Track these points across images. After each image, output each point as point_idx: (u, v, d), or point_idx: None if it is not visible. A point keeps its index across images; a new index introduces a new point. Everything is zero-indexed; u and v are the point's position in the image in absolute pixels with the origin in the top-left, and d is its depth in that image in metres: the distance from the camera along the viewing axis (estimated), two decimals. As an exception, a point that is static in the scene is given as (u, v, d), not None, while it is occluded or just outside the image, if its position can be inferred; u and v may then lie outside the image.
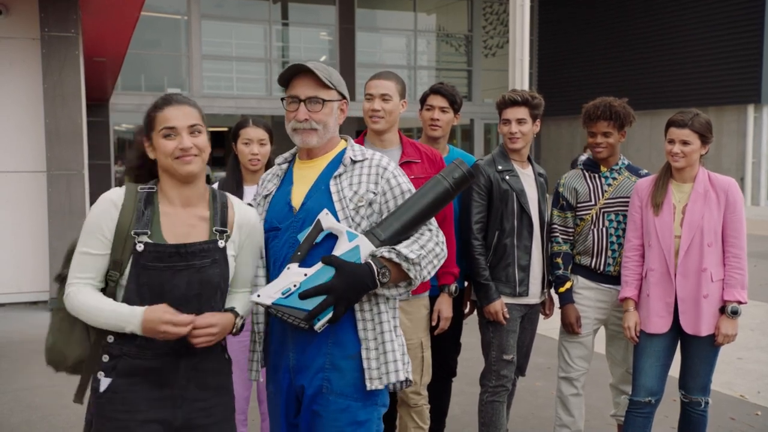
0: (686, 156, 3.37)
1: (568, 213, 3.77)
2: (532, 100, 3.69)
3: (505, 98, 3.71)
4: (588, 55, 24.09)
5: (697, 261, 3.35)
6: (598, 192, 3.74)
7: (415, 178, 3.27)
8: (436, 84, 3.89)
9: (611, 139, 3.70)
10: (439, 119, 3.77)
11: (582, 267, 3.75)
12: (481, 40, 26.44)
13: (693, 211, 3.37)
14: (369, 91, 3.40)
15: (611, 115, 3.68)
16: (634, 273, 3.53)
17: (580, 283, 3.75)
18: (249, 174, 3.45)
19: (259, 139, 3.38)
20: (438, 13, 26.72)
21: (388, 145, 3.43)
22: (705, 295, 3.35)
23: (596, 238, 3.69)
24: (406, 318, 3.34)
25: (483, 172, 3.63)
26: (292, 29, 24.32)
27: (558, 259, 3.76)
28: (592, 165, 3.82)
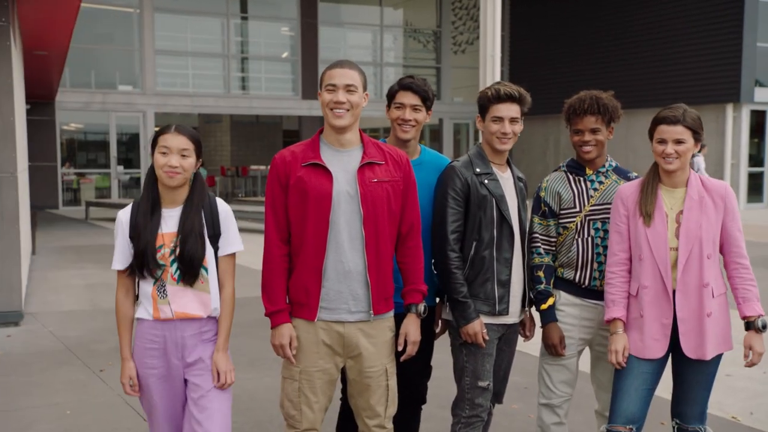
0: (681, 156, 3.13)
1: (551, 220, 3.52)
2: (525, 97, 3.45)
3: (499, 92, 3.41)
4: (561, 53, 24.09)
5: (697, 275, 3.12)
6: (583, 197, 3.48)
7: (379, 182, 3.07)
8: (405, 78, 3.58)
9: (600, 136, 3.45)
10: (411, 119, 3.50)
11: (564, 281, 3.50)
12: (450, 36, 26.36)
13: (689, 220, 3.14)
14: (331, 81, 3.09)
15: (599, 108, 3.43)
16: (622, 291, 3.27)
17: (563, 298, 3.50)
18: (168, 192, 3.02)
19: (181, 149, 2.96)
20: (405, 8, 26.59)
21: (348, 144, 3.15)
22: (708, 313, 3.11)
23: (581, 249, 3.45)
24: (369, 342, 3.08)
25: (459, 176, 3.37)
26: (251, 23, 24.03)
27: (539, 272, 3.49)
28: (576, 167, 3.56)
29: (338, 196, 3.03)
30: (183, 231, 2.96)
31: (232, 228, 3.09)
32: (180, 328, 3.00)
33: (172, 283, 2.98)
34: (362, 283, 3.05)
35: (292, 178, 3.06)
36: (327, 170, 3.05)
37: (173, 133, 3.00)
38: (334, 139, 3.15)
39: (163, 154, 2.99)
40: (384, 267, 3.11)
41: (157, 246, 2.95)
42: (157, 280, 2.98)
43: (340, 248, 3.03)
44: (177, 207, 3.03)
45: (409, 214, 3.20)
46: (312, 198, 3.02)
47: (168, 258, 2.96)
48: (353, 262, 3.04)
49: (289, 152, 3.15)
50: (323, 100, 3.11)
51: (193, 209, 3.01)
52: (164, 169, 2.97)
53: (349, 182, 3.06)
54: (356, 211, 3.04)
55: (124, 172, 22.11)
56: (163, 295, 2.99)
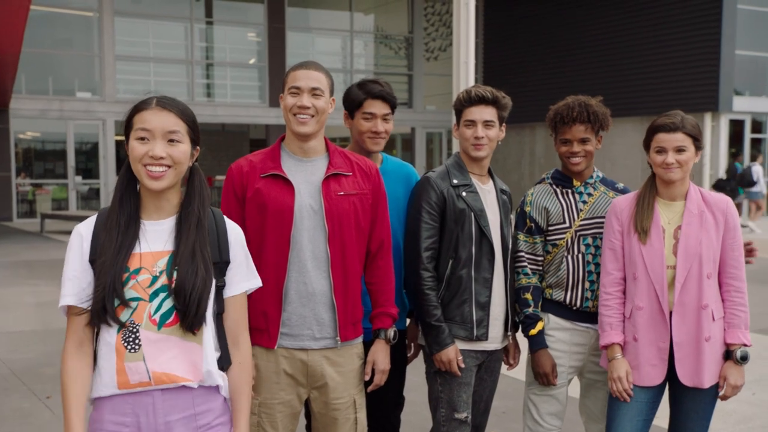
0: (682, 166, 2.99)
1: (537, 237, 3.33)
2: (501, 100, 3.27)
3: (470, 94, 3.25)
4: (536, 60, 24.12)
5: (695, 296, 2.97)
6: (572, 211, 3.31)
7: (345, 195, 2.87)
8: (370, 85, 3.37)
9: (589, 147, 3.29)
10: (382, 131, 3.32)
11: (553, 303, 3.31)
12: (423, 43, 26.30)
13: (688, 236, 2.99)
14: (295, 84, 2.88)
15: (589, 116, 3.27)
16: (618, 312, 3.10)
17: (552, 322, 3.31)
18: (152, 198, 2.22)
19: (167, 132, 2.16)
20: (376, 13, 26.52)
21: (311, 153, 2.95)
22: (707, 337, 2.97)
23: (571, 267, 3.26)
24: (335, 371, 2.88)
25: (435, 188, 3.20)
26: (216, 28, 23.80)
27: (527, 294, 3.30)
28: (562, 179, 3.38)
29: (300, 210, 2.83)
30: (180, 248, 2.15)
31: (245, 255, 2.33)
32: (162, 404, 2.14)
33: (150, 328, 2.12)
34: (328, 307, 2.86)
35: (250, 191, 2.85)
36: (288, 182, 2.85)
37: (155, 109, 2.16)
38: (297, 147, 2.94)
39: (141, 141, 2.15)
40: (352, 289, 2.91)
41: (131, 270, 2.12)
42: (123, 325, 2.10)
43: (302, 268, 2.83)
44: (167, 218, 2.21)
45: (378, 230, 3.02)
46: (271, 212, 2.81)
47: (146, 290, 2.13)
48: (318, 283, 2.84)
49: (247, 162, 2.94)
50: (286, 104, 2.90)
51: (193, 221, 2.19)
52: (145, 161, 2.13)
53: (312, 195, 2.87)
54: (320, 228, 2.85)
55: (83, 182, 21.69)
56: (133, 347, 2.11)
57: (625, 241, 3.09)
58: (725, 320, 3.03)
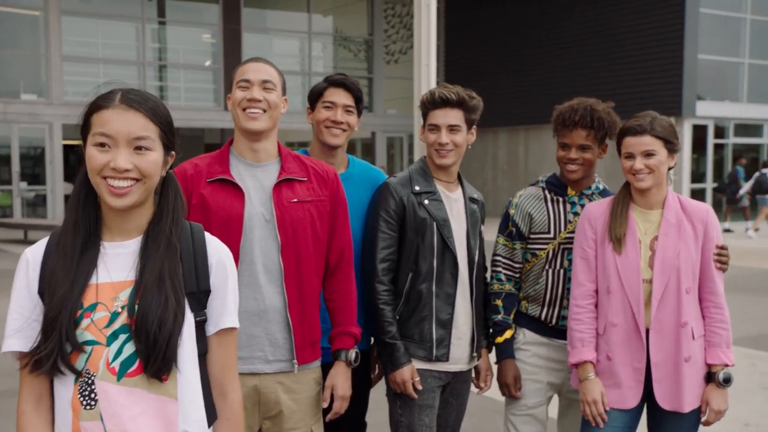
0: (653, 171, 2.81)
1: (518, 243, 3.19)
2: (469, 101, 3.08)
3: (434, 96, 3.07)
4: (499, 63, 24.18)
5: (674, 312, 2.83)
6: (559, 222, 3.14)
7: (299, 202, 2.69)
8: (335, 75, 3.22)
9: (589, 155, 3.11)
10: (342, 122, 3.13)
11: (529, 318, 3.18)
12: (383, 45, 26.24)
13: (665, 247, 2.84)
14: (244, 77, 2.72)
15: (593, 122, 3.09)
16: (591, 328, 2.94)
17: (528, 337, 3.18)
18: (115, 216, 1.86)
19: (134, 138, 1.79)
20: (335, 15, 26.39)
21: (263, 156, 2.76)
22: (686, 357, 2.83)
23: (550, 282, 3.12)
24: (291, 399, 2.70)
25: (394, 195, 3.03)
26: (169, 29, 23.47)
27: (497, 300, 3.17)
28: (557, 185, 3.21)
29: (251, 219, 2.65)
30: (144, 278, 1.79)
31: (231, 286, 1.94)
32: None
33: (107, 379, 1.76)
34: (282, 326, 2.67)
35: (195, 197, 2.65)
36: (237, 188, 2.66)
37: (118, 108, 1.80)
38: (247, 148, 2.75)
39: (101, 148, 1.78)
40: (309, 305, 2.73)
41: (85, 307, 1.77)
42: (80, 374, 1.76)
43: (254, 283, 2.64)
44: (133, 239, 1.86)
45: (338, 240, 2.83)
46: (218, 221, 2.60)
47: (103, 331, 1.77)
48: (270, 299, 2.65)
49: (192, 165, 2.74)
50: (234, 98, 2.72)
51: (163, 242, 1.84)
52: (105, 174, 1.78)
53: (263, 203, 2.68)
54: (273, 238, 2.66)
55: (28, 189, 21.18)
56: (89, 402, 1.76)
57: (598, 251, 2.94)
58: (705, 339, 2.89)
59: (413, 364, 3.00)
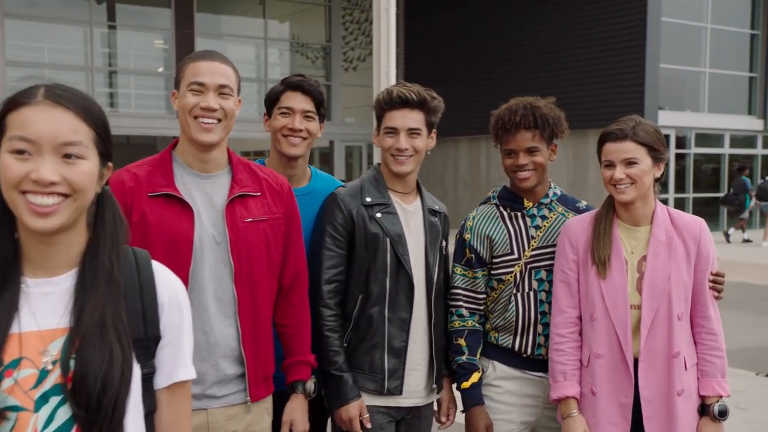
0: (635, 182, 2.61)
1: (479, 271, 2.92)
2: (430, 102, 2.82)
3: (391, 95, 2.81)
4: (460, 71, 24.22)
5: (665, 341, 2.61)
6: (521, 239, 2.90)
7: (254, 221, 2.44)
8: (293, 77, 2.97)
9: (539, 158, 2.88)
10: (302, 129, 2.89)
11: (500, 349, 2.93)
12: (341, 52, 26.17)
13: (655, 269, 2.62)
14: (199, 79, 2.43)
15: (536, 121, 2.86)
16: (574, 359, 2.72)
17: (499, 371, 2.93)
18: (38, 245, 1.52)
19: (62, 144, 1.47)
20: (292, 21, 26.25)
21: (212, 167, 2.51)
22: (679, 391, 2.62)
23: (521, 308, 2.87)
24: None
25: (342, 207, 2.76)
26: (120, 33, 23.14)
27: (459, 339, 2.90)
28: (510, 199, 2.97)
29: (201, 242, 2.40)
30: (82, 325, 1.46)
31: (186, 329, 1.63)
32: None
33: None
34: (234, 360, 2.46)
35: (135, 213, 2.36)
36: (186, 204, 2.40)
37: (42, 105, 1.47)
38: (194, 158, 2.48)
39: (19, 156, 1.45)
40: (263, 336, 2.53)
41: (6, 363, 1.44)
42: None
43: (203, 314, 2.41)
44: (63, 274, 1.53)
45: (292, 261, 2.63)
46: (163, 243, 2.34)
47: (29, 393, 1.44)
48: (221, 332, 2.43)
49: (130, 175, 2.43)
50: (185, 103, 2.43)
51: (103, 277, 1.51)
52: (24, 188, 1.45)
53: (214, 223, 2.44)
54: (225, 263, 2.43)
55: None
56: None
57: (581, 274, 2.71)
58: (699, 368, 2.68)
59: (362, 399, 2.76)
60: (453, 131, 21.90)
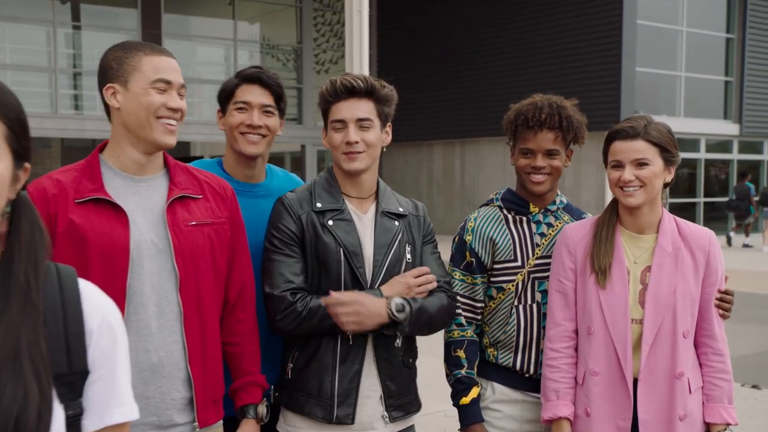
0: (645, 185, 2.44)
1: (479, 277, 2.73)
2: (380, 89, 2.60)
3: (335, 85, 2.58)
4: (434, 75, 24.24)
5: (668, 360, 2.45)
6: (525, 246, 2.73)
7: (198, 225, 2.24)
8: (249, 68, 2.77)
9: (557, 162, 2.71)
10: (261, 125, 2.69)
11: (499, 368, 2.74)
12: (313, 54, 26.11)
13: (659, 281, 2.46)
14: (164, 76, 2.24)
15: (561, 122, 2.70)
16: (568, 377, 2.55)
17: (498, 393, 2.73)
18: None
19: None
20: (262, 22, 26.15)
21: (148, 169, 2.31)
22: (682, 415, 2.46)
23: (523, 321, 2.70)
24: None
25: (290, 212, 2.51)
26: (85, 34, 22.90)
27: (459, 351, 2.70)
28: (516, 202, 2.79)
29: (139, 248, 2.20)
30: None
31: (121, 359, 1.39)
32: None
33: None
34: (181, 382, 2.26)
35: (61, 223, 2.15)
36: (119, 209, 2.19)
37: None
38: (130, 161, 2.27)
39: None
40: (212, 354, 2.32)
41: None
42: None
43: (144, 329, 2.20)
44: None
45: (238, 271, 2.42)
46: (97, 253, 2.15)
47: None
48: (165, 349, 2.23)
49: (52, 182, 2.22)
50: (150, 102, 2.22)
51: (16, 298, 1.28)
52: None
53: (153, 227, 2.24)
54: (168, 272, 2.23)
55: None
56: None
57: (578, 283, 2.55)
58: (704, 392, 2.53)
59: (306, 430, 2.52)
60: (427, 136, 21.92)
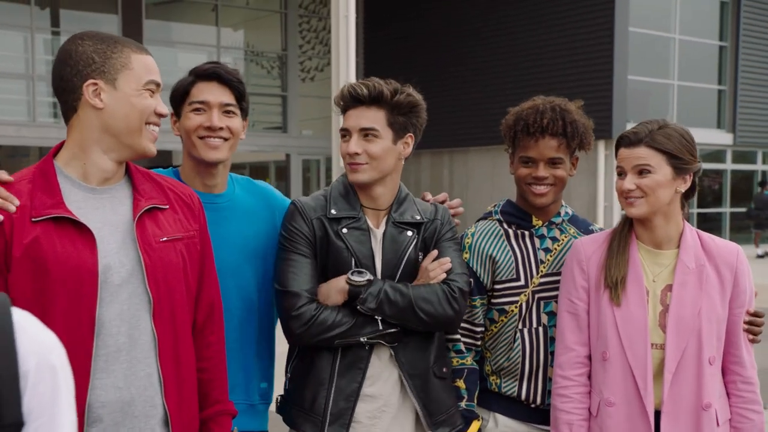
0: (647, 195, 2.29)
1: (477, 299, 2.58)
2: (392, 96, 2.50)
3: (342, 93, 2.49)
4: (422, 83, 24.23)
5: (693, 389, 2.26)
6: (529, 263, 2.57)
7: (170, 240, 2.05)
8: (205, 64, 2.55)
9: (561, 171, 2.57)
10: (222, 127, 2.47)
11: (503, 398, 2.57)
12: (298, 62, 26.09)
13: (682, 301, 2.28)
14: (155, 78, 2.09)
15: (565, 128, 2.55)
16: (581, 407, 2.37)
17: (501, 426, 2.57)
18: None
19: None
20: (246, 29, 26.12)
21: (109, 177, 2.09)
22: None
23: (528, 346, 2.53)
24: None
25: (303, 215, 2.41)
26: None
27: (459, 380, 2.54)
28: (517, 215, 2.63)
29: (107, 272, 1.98)
30: None
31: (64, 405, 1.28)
32: None
33: None
34: (156, 421, 2.06)
35: (17, 246, 1.91)
36: (83, 228, 1.97)
37: None
38: (96, 170, 2.05)
39: None
40: (188, 386, 2.14)
41: None
42: None
43: (113, 365, 2.01)
44: None
45: (206, 290, 2.24)
46: (59, 280, 1.93)
47: None
48: (137, 385, 2.03)
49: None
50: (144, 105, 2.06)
51: None
52: None
53: (121, 246, 2.02)
54: (140, 297, 2.03)
55: None
56: None
57: (592, 303, 2.37)
58: (732, 424, 2.34)
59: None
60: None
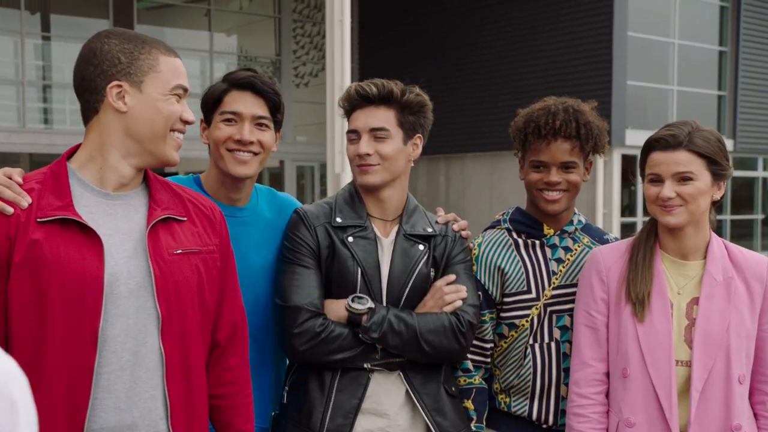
0: (688, 203, 2.16)
1: (486, 313, 2.44)
2: (399, 95, 2.42)
3: (349, 92, 2.43)
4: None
5: (721, 410, 2.13)
6: (540, 275, 2.45)
7: (185, 253, 1.93)
8: (240, 71, 2.45)
9: (574, 176, 2.46)
10: (253, 142, 2.37)
11: (513, 418, 2.45)
12: (292, 67, 26.11)
13: (709, 315, 2.15)
14: (183, 82, 2.03)
15: (578, 129, 2.44)
16: (599, 427, 2.24)
17: None
18: None
19: None
20: (239, 34, 26.14)
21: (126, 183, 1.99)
22: None
23: (540, 363, 2.40)
24: None
25: (306, 223, 2.31)
26: (54, 45, 22.80)
27: (467, 401, 2.41)
28: (528, 224, 2.52)
29: (114, 283, 1.87)
30: None
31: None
32: None
33: None
34: None
35: (19, 248, 1.81)
36: (91, 233, 1.86)
37: None
38: (114, 175, 1.96)
39: None
40: (198, 410, 2.02)
41: None
42: None
43: (116, 385, 1.91)
44: None
45: (228, 310, 2.12)
46: (60, 288, 1.82)
47: None
48: (141, 407, 1.91)
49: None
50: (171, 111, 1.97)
51: None
52: None
53: (132, 256, 1.91)
54: (148, 311, 1.92)
55: None
56: None
57: (611, 317, 2.25)
58: None
59: None
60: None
